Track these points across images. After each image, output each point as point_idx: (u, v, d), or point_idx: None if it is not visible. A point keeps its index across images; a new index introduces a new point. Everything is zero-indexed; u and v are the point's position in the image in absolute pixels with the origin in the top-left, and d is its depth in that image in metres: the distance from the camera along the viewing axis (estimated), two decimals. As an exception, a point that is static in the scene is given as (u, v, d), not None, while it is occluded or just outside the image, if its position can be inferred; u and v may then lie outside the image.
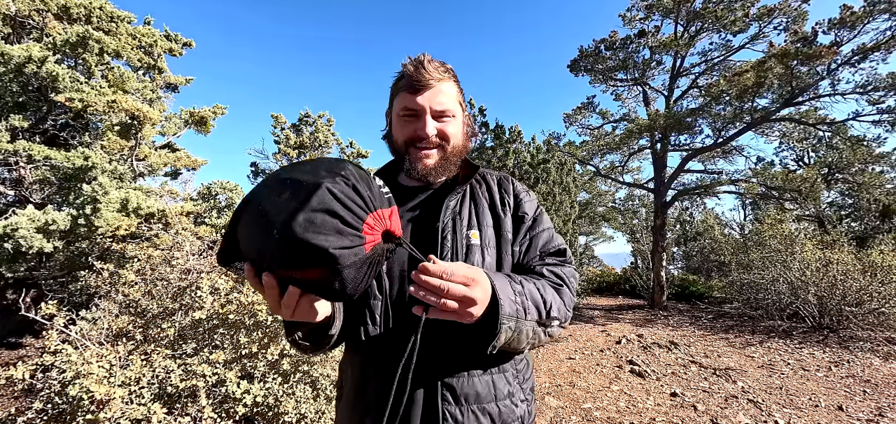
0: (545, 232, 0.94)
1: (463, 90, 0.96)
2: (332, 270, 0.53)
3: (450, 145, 0.90)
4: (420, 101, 0.85)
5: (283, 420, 2.34)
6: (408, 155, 0.90)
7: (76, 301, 4.81)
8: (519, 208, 0.96)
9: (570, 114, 13.02)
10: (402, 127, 0.89)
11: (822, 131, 10.45)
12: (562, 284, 0.85)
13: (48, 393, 2.07)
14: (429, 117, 0.86)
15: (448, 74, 0.89)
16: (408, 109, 0.87)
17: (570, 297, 0.85)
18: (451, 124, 0.89)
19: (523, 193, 0.99)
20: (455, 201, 0.90)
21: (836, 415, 3.53)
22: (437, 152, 0.90)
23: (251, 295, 2.58)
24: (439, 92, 0.86)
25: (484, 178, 1.00)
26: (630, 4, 10.82)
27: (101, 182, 4.64)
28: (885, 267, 6.30)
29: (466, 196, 0.94)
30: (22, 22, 6.27)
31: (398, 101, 0.89)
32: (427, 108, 0.86)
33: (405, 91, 0.87)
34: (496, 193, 0.97)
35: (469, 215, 0.90)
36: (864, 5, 8.37)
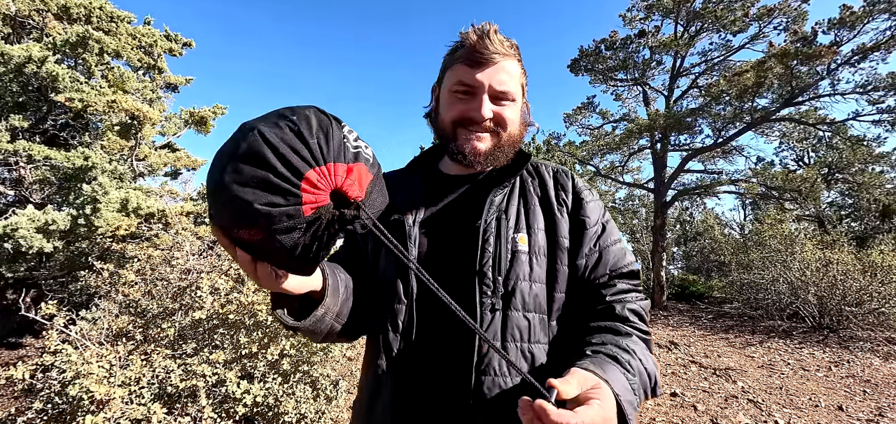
0: (616, 245, 0.79)
1: (526, 72, 0.83)
2: (266, 232, 0.45)
3: (505, 132, 0.78)
4: (479, 78, 0.74)
5: (283, 420, 2.34)
6: (455, 136, 0.79)
7: (76, 301, 4.81)
8: (580, 210, 0.80)
9: (570, 114, 13.03)
10: (452, 104, 0.78)
11: (822, 131, 10.45)
12: (648, 336, 0.72)
13: (48, 393, 2.07)
14: (486, 97, 0.75)
15: (514, 51, 0.77)
16: (463, 85, 0.76)
17: (652, 345, 0.73)
18: (509, 108, 0.78)
19: (585, 191, 0.83)
20: (501, 196, 0.78)
21: (836, 415, 3.53)
22: (490, 137, 0.78)
23: (251, 295, 2.58)
24: (502, 69, 0.75)
25: (537, 170, 0.86)
26: (630, 4, 10.83)
27: (101, 182, 4.64)
28: (885, 267, 6.31)
29: (515, 190, 0.81)
30: (22, 22, 6.27)
31: (452, 75, 0.78)
32: (486, 86, 0.75)
33: (462, 63, 0.76)
34: (551, 188, 0.83)
35: (517, 214, 0.78)
36: (864, 5, 8.37)
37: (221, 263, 3.61)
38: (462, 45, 0.76)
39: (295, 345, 2.54)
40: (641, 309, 0.74)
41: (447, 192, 0.83)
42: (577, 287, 0.76)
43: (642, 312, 0.74)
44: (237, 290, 2.72)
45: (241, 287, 2.75)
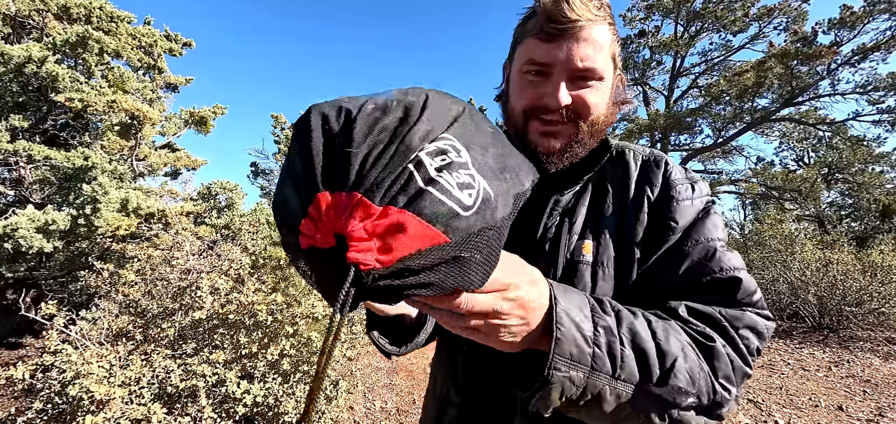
0: (702, 245, 0.57)
1: (619, 38, 0.64)
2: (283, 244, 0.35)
3: (587, 120, 0.61)
4: (556, 54, 0.58)
5: (283, 420, 2.34)
6: (526, 129, 0.63)
7: (76, 301, 4.82)
8: (666, 209, 0.60)
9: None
10: (523, 87, 0.62)
11: (822, 131, 10.46)
12: (714, 340, 0.49)
13: (48, 393, 2.07)
14: (564, 79, 0.58)
15: (603, 13, 0.58)
16: (535, 63, 0.60)
17: (728, 362, 0.48)
18: (594, 90, 0.60)
19: (680, 185, 0.62)
20: (569, 195, 0.64)
21: (836, 415, 3.53)
22: (566, 129, 0.61)
23: (251, 295, 2.58)
24: (585, 41, 0.57)
25: (621, 158, 0.68)
26: (630, 4, 10.83)
27: (101, 182, 4.64)
28: (885, 267, 6.31)
29: (588, 188, 0.66)
30: (22, 22, 6.28)
31: (523, 51, 0.62)
32: (564, 64, 0.58)
33: (535, 36, 0.59)
34: (634, 182, 0.64)
35: (586, 216, 0.63)
36: (864, 5, 8.38)
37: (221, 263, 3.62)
38: (535, 12, 0.60)
39: (295, 345, 2.55)
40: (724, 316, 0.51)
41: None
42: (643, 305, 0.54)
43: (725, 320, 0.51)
44: (237, 290, 2.72)
45: (241, 287, 2.75)
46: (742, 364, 0.49)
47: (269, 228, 5.66)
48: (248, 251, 4.46)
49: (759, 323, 0.51)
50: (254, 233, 5.27)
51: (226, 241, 4.78)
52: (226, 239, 5.26)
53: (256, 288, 2.77)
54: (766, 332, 0.52)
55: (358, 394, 3.54)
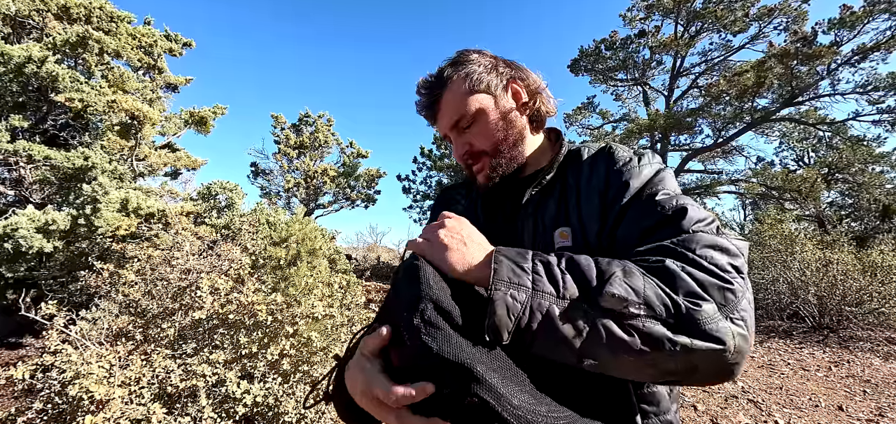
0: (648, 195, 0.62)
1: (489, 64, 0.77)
2: None
3: (487, 150, 0.77)
4: (440, 126, 0.80)
5: (283, 420, 2.34)
6: (469, 175, 0.84)
7: (76, 301, 4.81)
8: (618, 181, 0.66)
9: (570, 115, 13.04)
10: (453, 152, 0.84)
11: (822, 131, 10.46)
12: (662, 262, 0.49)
13: (48, 393, 2.08)
14: (453, 137, 0.79)
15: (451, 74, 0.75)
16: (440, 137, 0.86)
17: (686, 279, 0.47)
18: (473, 130, 0.76)
19: (622, 163, 0.68)
20: (536, 195, 0.74)
21: (836, 415, 3.53)
22: (479, 164, 0.79)
23: (251, 296, 2.58)
24: (445, 105, 0.76)
25: (577, 157, 0.76)
26: (630, 4, 10.83)
27: (101, 182, 4.64)
28: (885, 267, 6.31)
29: (554, 186, 0.74)
30: (22, 22, 6.28)
31: None
32: (445, 132, 0.79)
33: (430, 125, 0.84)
34: (589, 171, 0.72)
35: (558, 209, 0.71)
36: (864, 5, 8.38)
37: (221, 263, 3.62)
38: None
39: (295, 345, 2.55)
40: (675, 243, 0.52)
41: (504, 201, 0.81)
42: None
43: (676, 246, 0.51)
44: (237, 290, 2.72)
45: (241, 287, 2.75)
46: (712, 278, 0.47)
47: (268, 228, 5.66)
48: (248, 251, 4.46)
49: (719, 242, 0.51)
50: (254, 233, 5.27)
51: (226, 241, 4.78)
52: (226, 239, 5.26)
53: (256, 288, 2.77)
54: (736, 248, 0.52)
55: (358, 394, 3.54)
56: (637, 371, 0.46)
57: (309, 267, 4.23)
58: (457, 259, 0.53)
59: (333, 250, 7.14)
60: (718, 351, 0.44)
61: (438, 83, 0.76)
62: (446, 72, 0.76)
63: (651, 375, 0.46)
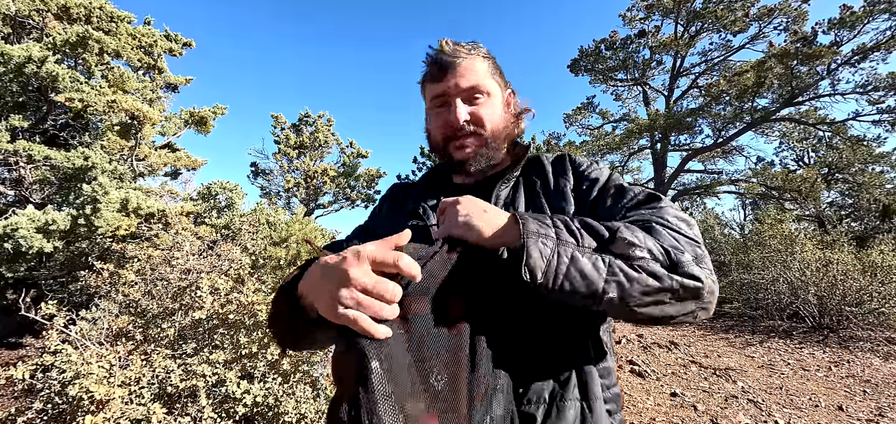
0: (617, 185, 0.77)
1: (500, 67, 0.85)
2: None
3: (487, 129, 0.80)
4: (446, 85, 0.77)
5: (283, 420, 2.34)
6: (447, 152, 0.82)
7: (76, 301, 4.81)
8: (581, 182, 0.80)
9: (570, 115, 13.04)
10: (435, 120, 0.82)
11: (822, 131, 10.46)
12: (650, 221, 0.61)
13: (48, 393, 2.07)
14: (458, 100, 0.78)
15: (476, 51, 0.80)
16: (436, 97, 0.80)
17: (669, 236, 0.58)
18: (485, 104, 0.79)
19: (585, 165, 0.83)
20: (506, 191, 0.81)
21: (836, 415, 3.53)
22: (473, 140, 0.79)
23: (251, 296, 2.58)
24: (467, 69, 0.77)
25: (537, 162, 0.87)
26: (630, 4, 10.84)
27: (101, 182, 4.64)
28: (885, 267, 6.31)
29: (520, 184, 0.82)
30: (22, 22, 6.28)
31: (427, 93, 0.83)
32: (454, 89, 0.77)
33: (430, 80, 0.81)
34: (551, 176, 0.82)
35: (525, 204, 0.79)
36: (864, 5, 8.38)
37: (221, 263, 3.62)
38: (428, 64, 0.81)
39: (295, 345, 2.54)
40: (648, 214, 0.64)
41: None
42: None
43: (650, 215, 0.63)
44: (237, 290, 2.72)
45: (241, 287, 2.75)
46: (686, 240, 0.59)
47: (268, 228, 5.66)
48: (248, 251, 4.46)
49: (685, 216, 0.64)
50: (254, 233, 5.27)
51: (226, 241, 4.78)
52: (226, 239, 5.26)
53: (256, 288, 2.77)
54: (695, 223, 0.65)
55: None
56: (642, 306, 0.55)
57: (309, 267, 4.22)
58: (484, 226, 0.58)
59: (333, 250, 7.11)
60: (699, 288, 0.55)
61: (467, 48, 0.79)
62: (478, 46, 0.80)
63: (650, 311, 0.55)
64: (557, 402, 0.61)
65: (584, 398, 0.62)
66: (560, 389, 0.62)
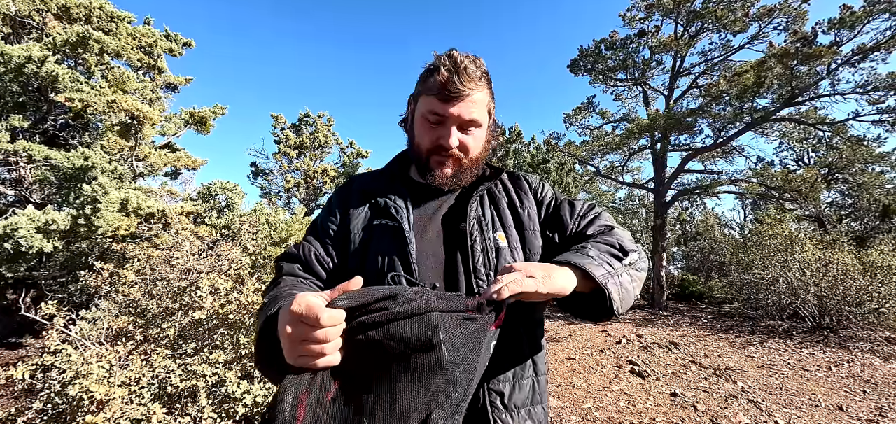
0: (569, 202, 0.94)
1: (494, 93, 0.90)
2: None
3: (468, 156, 0.86)
4: (450, 111, 0.80)
5: (283, 420, 2.33)
6: (427, 162, 0.86)
7: (76, 301, 4.81)
8: (537, 195, 0.95)
9: (570, 115, 13.03)
10: (425, 130, 0.85)
11: (822, 131, 10.45)
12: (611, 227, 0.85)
13: (48, 393, 2.07)
14: (454, 127, 0.82)
15: (483, 80, 0.83)
16: (435, 114, 0.82)
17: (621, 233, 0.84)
18: (474, 135, 0.85)
19: (539, 183, 0.98)
20: (476, 203, 0.88)
21: (836, 415, 3.53)
22: (453, 162, 0.86)
23: (251, 296, 2.58)
24: (470, 102, 0.81)
25: (499, 179, 0.97)
26: (630, 4, 10.82)
27: (101, 182, 4.64)
28: (885, 267, 6.31)
29: (485, 197, 0.91)
30: (22, 22, 6.28)
31: (425, 103, 0.83)
32: (455, 118, 0.81)
33: (435, 96, 0.81)
34: (512, 190, 0.95)
35: (492, 217, 0.88)
36: (864, 5, 8.37)
37: (221, 263, 3.62)
38: (434, 73, 0.80)
39: (295, 345, 2.54)
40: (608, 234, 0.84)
41: (426, 200, 0.90)
42: (552, 251, 0.86)
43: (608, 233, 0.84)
44: (237, 290, 2.72)
45: (241, 287, 2.75)
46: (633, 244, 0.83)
47: (268, 228, 5.66)
48: (248, 251, 4.46)
49: (624, 230, 0.87)
50: (254, 233, 5.26)
51: (226, 241, 4.78)
52: (226, 239, 5.26)
53: (256, 288, 2.77)
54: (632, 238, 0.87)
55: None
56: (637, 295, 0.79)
57: (309, 267, 4.22)
58: (560, 282, 0.67)
59: (333, 250, 7.11)
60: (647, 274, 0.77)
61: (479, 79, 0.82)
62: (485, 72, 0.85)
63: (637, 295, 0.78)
64: (519, 380, 0.78)
65: (535, 374, 0.81)
66: (520, 370, 0.79)
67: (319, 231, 0.90)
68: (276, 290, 0.73)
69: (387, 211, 0.84)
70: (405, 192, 0.88)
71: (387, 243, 0.80)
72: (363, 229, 0.85)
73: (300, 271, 0.81)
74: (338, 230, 0.88)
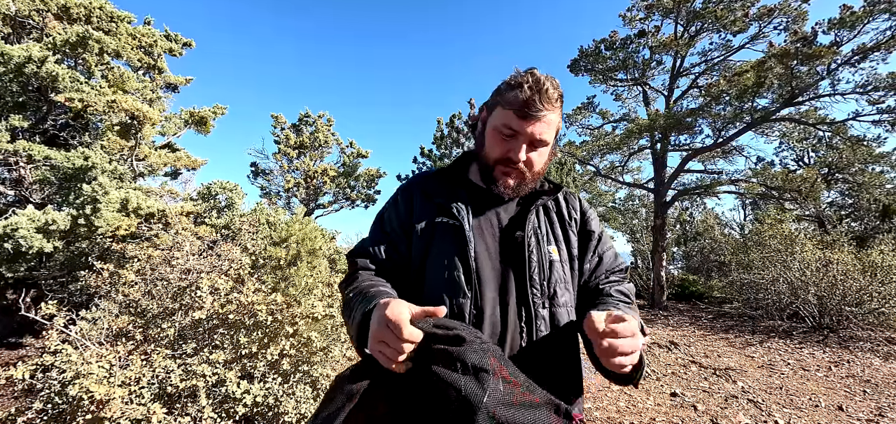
0: (610, 250, 0.99)
1: (563, 114, 0.94)
2: None
3: (532, 171, 0.90)
4: (525, 127, 0.84)
5: (283, 420, 2.34)
6: (494, 171, 0.90)
7: (76, 301, 4.81)
8: (586, 224, 0.99)
9: (570, 115, 13.02)
10: (496, 142, 0.88)
11: (822, 131, 10.44)
12: (630, 301, 0.90)
13: (48, 393, 2.07)
14: (526, 144, 0.86)
15: (559, 102, 0.86)
16: (510, 129, 0.85)
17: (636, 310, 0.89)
18: (541, 153, 0.89)
19: (589, 209, 1.03)
20: (534, 215, 0.92)
21: (836, 415, 3.53)
22: (518, 175, 0.90)
23: (251, 296, 2.58)
24: (547, 124, 0.85)
25: (556, 195, 1.02)
26: (630, 4, 10.82)
27: (101, 182, 4.64)
28: (885, 267, 6.31)
29: (541, 211, 0.96)
30: (22, 22, 6.27)
31: (501, 116, 0.87)
32: (528, 136, 0.85)
33: (514, 111, 0.84)
34: (564, 208, 1.00)
35: (547, 230, 0.93)
36: (864, 5, 8.37)
37: (221, 263, 3.62)
38: (515, 88, 0.84)
39: (295, 345, 2.55)
40: (626, 289, 0.92)
41: (485, 204, 0.94)
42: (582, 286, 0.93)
43: (626, 292, 0.92)
44: (237, 290, 2.72)
45: (241, 287, 2.75)
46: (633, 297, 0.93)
47: (268, 228, 5.66)
48: (248, 251, 4.46)
49: (632, 288, 0.95)
50: (254, 233, 5.26)
51: (226, 241, 4.78)
52: (226, 239, 5.26)
53: (256, 288, 2.77)
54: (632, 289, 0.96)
55: (358, 394, 3.53)
56: None
57: (309, 267, 4.23)
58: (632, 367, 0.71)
59: (333, 250, 7.13)
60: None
61: (556, 104, 0.86)
62: (562, 94, 0.88)
63: None
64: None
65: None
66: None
67: (386, 226, 0.95)
68: (357, 284, 0.82)
69: (449, 210, 0.89)
70: (465, 195, 0.93)
71: (448, 241, 0.86)
72: (427, 226, 0.90)
73: (371, 265, 0.89)
74: (404, 225, 0.93)
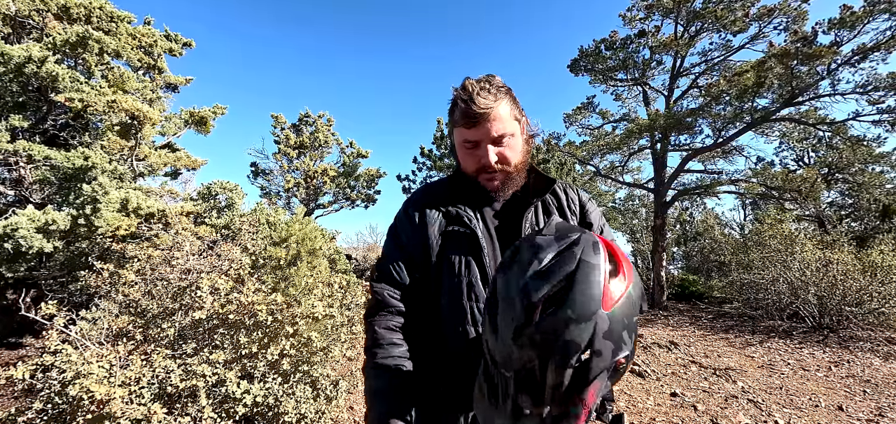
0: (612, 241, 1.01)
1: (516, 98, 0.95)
2: None
3: (512, 165, 0.93)
4: (478, 133, 0.87)
5: (283, 420, 2.34)
6: (477, 180, 0.94)
7: (76, 301, 4.82)
8: (585, 216, 1.01)
9: (570, 114, 13.02)
10: (466, 157, 0.93)
11: (822, 131, 10.44)
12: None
13: (48, 393, 2.07)
14: (489, 146, 0.88)
15: (500, 93, 0.88)
16: (468, 141, 0.90)
17: None
18: (509, 145, 0.91)
19: (588, 202, 1.04)
20: (531, 213, 0.94)
21: (836, 415, 3.53)
22: (500, 175, 0.93)
23: (251, 296, 2.58)
24: (494, 118, 0.86)
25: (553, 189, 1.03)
26: (630, 4, 10.82)
27: (101, 182, 4.64)
28: (885, 267, 6.31)
29: (540, 207, 0.97)
30: (22, 22, 6.27)
31: (458, 134, 0.92)
32: (485, 138, 0.88)
33: (461, 125, 0.89)
34: (564, 202, 1.01)
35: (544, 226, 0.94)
36: (864, 5, 8.37)
37: (221, 263, 3.62)
38: (455, 106, 0.88)
39: (295, 345, 2.55)
40: None
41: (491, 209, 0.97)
42: None
43: None
44: (237, 290, 2.72)
45: (241, 287, 2.75)
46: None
47: (268, 228, 5.66)
48: (248, 251, 4.46)
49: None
50: (254, 233, 5.26)
51: (226, 241, 4.78)
52: (226, 239, 5.26)
53: (256, 288, 2.77)
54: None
55: (358, 394, 3.54)
56: None
57: (309, 267, 4.23)
58: None
59: (333, 250, 7.13)
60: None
61: (495, 96, 0.87)
62: (500, 86, 0.89)
63: None
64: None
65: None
66: None
67: (401, 240, 0.99)
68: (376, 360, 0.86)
69: (459, 219, 0.93)
70: (472, 201, 0.96)
71: (463, 248, 0.90)
72: (440, 235, 0.93)
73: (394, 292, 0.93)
74: (417, 237, 0.96)
